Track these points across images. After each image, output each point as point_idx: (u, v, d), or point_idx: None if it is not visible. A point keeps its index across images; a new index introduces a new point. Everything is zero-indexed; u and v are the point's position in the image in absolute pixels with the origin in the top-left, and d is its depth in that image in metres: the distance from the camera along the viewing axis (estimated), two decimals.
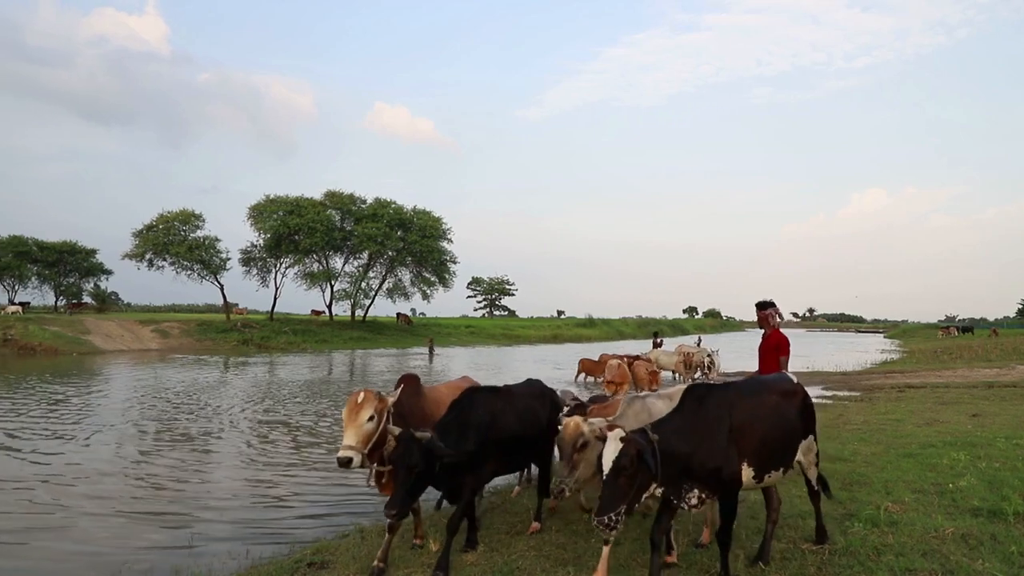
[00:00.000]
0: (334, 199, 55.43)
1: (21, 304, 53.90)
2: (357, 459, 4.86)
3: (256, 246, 54.67)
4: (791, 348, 7.30)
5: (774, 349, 7.21)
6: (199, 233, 51.74)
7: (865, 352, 45.84)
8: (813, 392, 20.04)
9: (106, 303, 70.44)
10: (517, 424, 5.95)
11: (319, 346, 45.04)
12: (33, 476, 9.80)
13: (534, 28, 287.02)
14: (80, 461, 10.80)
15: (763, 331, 7.50)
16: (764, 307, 7.45)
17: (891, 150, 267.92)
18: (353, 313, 58.31)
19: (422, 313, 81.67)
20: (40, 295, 64.68)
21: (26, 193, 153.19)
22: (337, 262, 57.73)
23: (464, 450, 5.22)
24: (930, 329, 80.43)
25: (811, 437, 5.30)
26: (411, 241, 55.37)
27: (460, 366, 33.25)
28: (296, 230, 51.72)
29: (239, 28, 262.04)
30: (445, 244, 58.19)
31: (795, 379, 5.42)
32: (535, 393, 6.57)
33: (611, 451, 4.12)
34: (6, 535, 7.24)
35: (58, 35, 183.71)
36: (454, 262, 59.44)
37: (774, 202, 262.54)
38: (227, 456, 11.40)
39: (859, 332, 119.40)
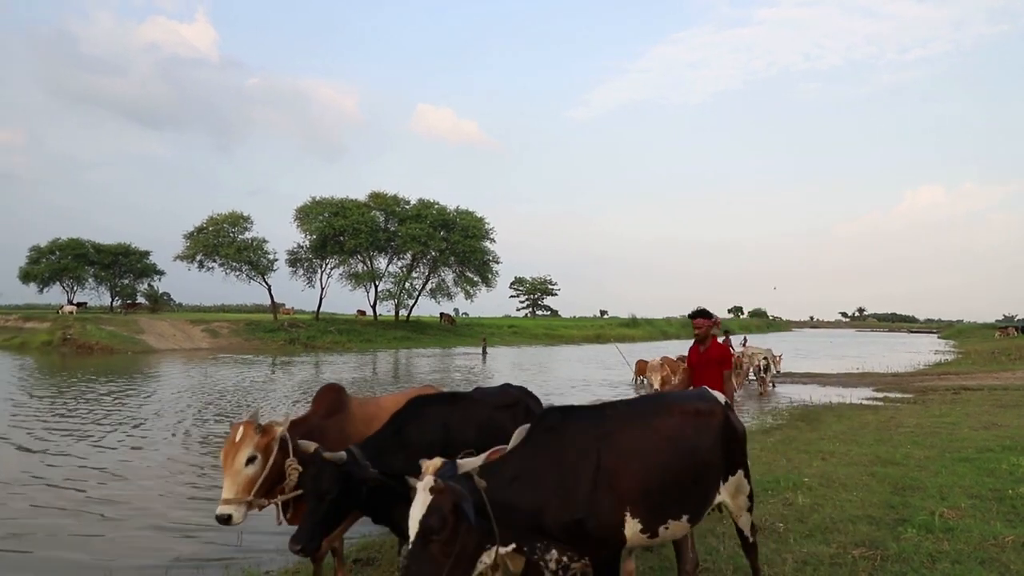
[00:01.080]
0: (378, 200, 56.06)
1: (77, 304, 55.84)
2: (239, 514, 4.06)
3: (302, 247, 55.65)
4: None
5: (717, 363, 6.52)
6: (247, 235, 52.91)
7: (918, 353, 44.63)
8: (863, 394, 19.62)
9: (159, 303, 72.48)
10: (477, 440, 4.70)
11: (364, 346, 45.61)
12: (93, 475, 10.14)
13: (578, 28, 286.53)
14: (132, 458, 11.15)
15: (699, 343, 6.70)
16: (708, 316, 6.66)
17: (948, 146, 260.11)
18: (397, 313, 58.94)
19: (465, 313, 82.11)
20: (97, 296, 67.23)
21: (83, 197, 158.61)
22: (381, 262, 58.53)
23: (402, 471, 4.22)
24: (987, 329, 77.77)
25: (740, 473, 4.29)
26: (454, 241, 55.71)
27: (505, 366, 33.36)
28: (341, 231, 52.42)
29: (285, 33, 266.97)
30: (488, 244, 58.47)
31: (718, 396, 4.37)
32: (507, 402, 5.36)
33: (418, 507, 3.01)
34: (67, 536, 7.49)
35: (113, 44, 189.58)
36: (497, 262, 59.75)
37: (824, 200, 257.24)
38: None
39: (911, 332, 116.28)
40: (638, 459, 3.63)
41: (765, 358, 20.36)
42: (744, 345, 25.67)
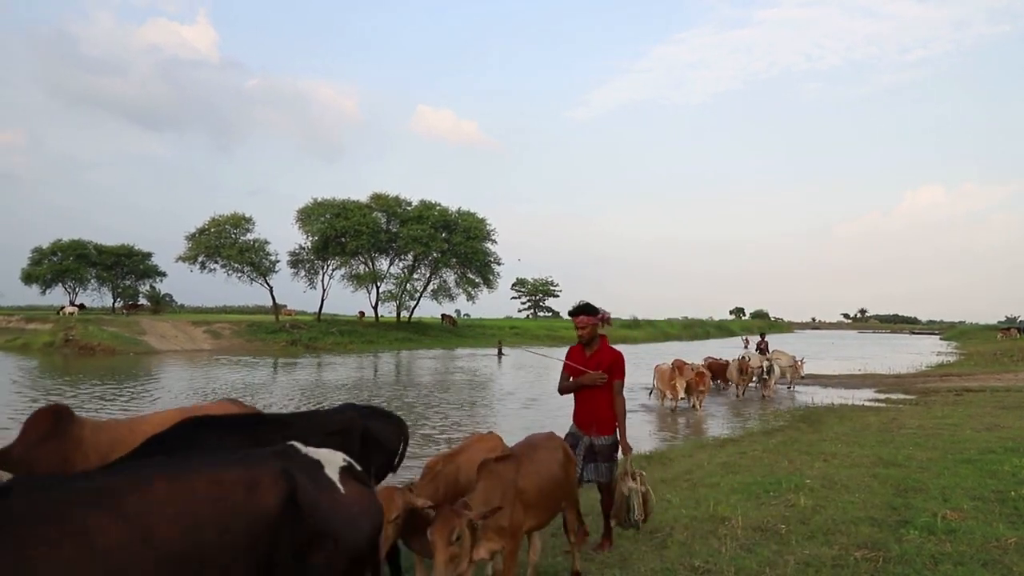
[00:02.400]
0: (380, 201, 56.10)
1: (77, 306, 55.87)
2: None
3: (304, 248, 55.61)
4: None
5: (607, 371, 5.52)
6: (249, 236, 52.82)
7: (920, 354, 44.55)
8: (865, 395, 19.60)
9: (161, 304, 72.46)
10: None
11: (365, 347, 45.63)
12: None
13: (578, 28, 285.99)
14: None
15: (583, 345, 5.65)
16: (592, 311, 5.58)
17: (948, 146, 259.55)
18: (399, 314, 58.98)
19: (466, 314, 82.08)
20: (99, 297, 67.23)
21: (83, 197, 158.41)
22: (383, 264, 58.56)
23: None
24: (989, 330, 77.65)
25: None
26: (456, 243, 55.72)
27: (508, 367, 33.33)
28: (343, 232, 52.44)
29: (285, 33, 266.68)
30: (489, 245, 58.49)
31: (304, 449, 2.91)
32: (336, 427, 4.46)
33: None
34: None
35: (113, 45, 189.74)
36: (498, 263, 59.78)
37: (824, 200, 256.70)
38: None
39: (914, 333, 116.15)
40: None
41: (768, 360, 20.24)
42: (747, 345, 25.62)
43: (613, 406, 5.54)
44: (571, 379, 5.64)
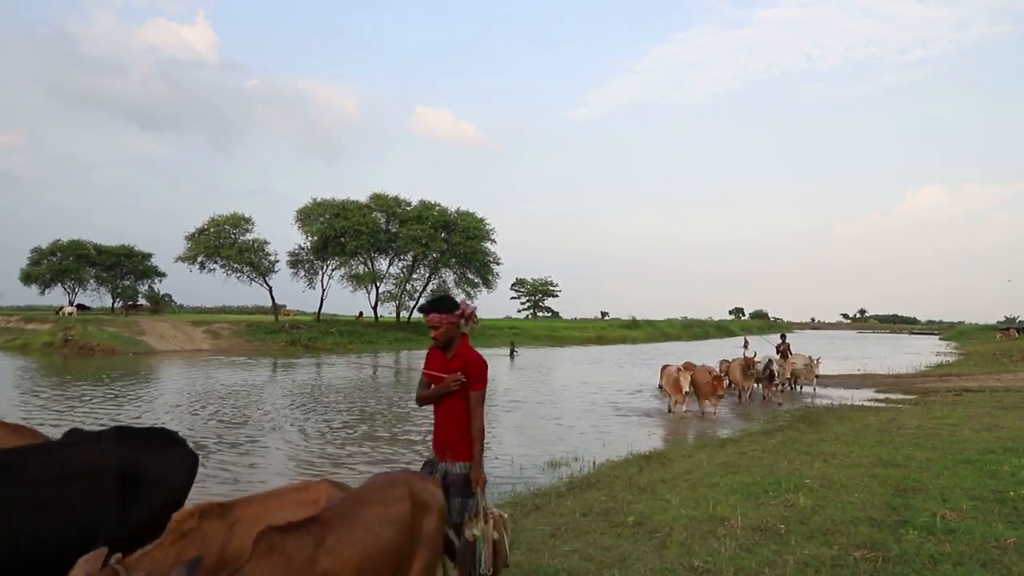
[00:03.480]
0: (379, 201, 56.14)
1: (77, 306, 55.87)
2: None
3: (303, 248, 55.63)
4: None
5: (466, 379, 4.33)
6: (248, 236, 52.77)
7: (919, 354, 44.60)
8: (864, 395, 19.63)
9: (160, 304, 72.46)
10: None
11: (365, 347, 45.63)
12: None
13: (579, 28, 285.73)
14: None
15: (441, 349, 4.53)
16: (447, 307, 4.42)
17: (948, 146, 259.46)
18: (398, 314, 59.10)
19: None
20: (98, 297, 67.25)
21: (83, 197, 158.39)
22: (382, 264, 58.66)
23: None
24: (988, 330, 77.70)
25: None
26: (455, 243, 55.78)
27: (517, 364, 33.32)
28: (342, 232, 52.46)
29: (285, 34, 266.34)
30: (489, 245, 58.56)
31: None
32: (70, 469, 3.20)
33: None
34: None
35: (113, 45, 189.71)
36: (498, 263, 59.84)
37: (824, 200, 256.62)
38: (275, 459, 11.63)
39: (913, 333, 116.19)
40: None
41: (770, 360, 20.12)
42: (746, 346, 25.58)
43: (472, 425, 4.35)
44: (431, 387, 4.52)
